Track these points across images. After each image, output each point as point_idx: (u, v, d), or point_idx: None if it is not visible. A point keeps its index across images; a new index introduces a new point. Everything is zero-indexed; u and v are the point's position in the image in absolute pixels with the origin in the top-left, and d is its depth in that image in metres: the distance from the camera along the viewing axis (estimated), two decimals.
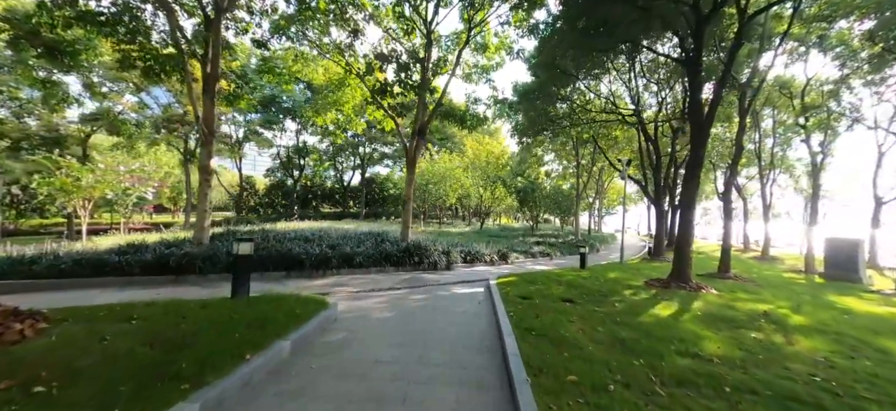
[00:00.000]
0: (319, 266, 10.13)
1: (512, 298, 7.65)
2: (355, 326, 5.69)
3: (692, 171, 9.93)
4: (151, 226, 23.74)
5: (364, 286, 9.05)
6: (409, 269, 12.04)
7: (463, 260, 14.24)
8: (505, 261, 15.92)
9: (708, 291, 9.23)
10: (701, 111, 9.83)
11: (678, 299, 8.18)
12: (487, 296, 8.35)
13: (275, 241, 10.92)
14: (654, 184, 18.18)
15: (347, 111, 18.47)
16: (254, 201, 38.84)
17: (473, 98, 17.99)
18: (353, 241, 12.70)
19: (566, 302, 7.59)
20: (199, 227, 9.78)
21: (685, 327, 6.00)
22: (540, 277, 10.57)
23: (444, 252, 13.55)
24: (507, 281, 9.85)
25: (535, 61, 18.05)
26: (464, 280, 10.73)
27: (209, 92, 9.95)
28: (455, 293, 8.77)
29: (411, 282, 10.03)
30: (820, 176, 15.03)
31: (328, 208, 44.17)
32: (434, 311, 6.84)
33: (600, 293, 8.52)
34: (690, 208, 9.98)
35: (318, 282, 9.26)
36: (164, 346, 3.76)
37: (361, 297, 7.79)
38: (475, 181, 32.33)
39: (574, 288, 9.08)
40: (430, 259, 12.72)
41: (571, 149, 25.08)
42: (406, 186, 14.83)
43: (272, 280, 9.12)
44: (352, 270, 10.75)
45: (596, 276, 11.20)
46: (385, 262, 11.70)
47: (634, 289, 9.21)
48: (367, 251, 11.62)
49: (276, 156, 37.66)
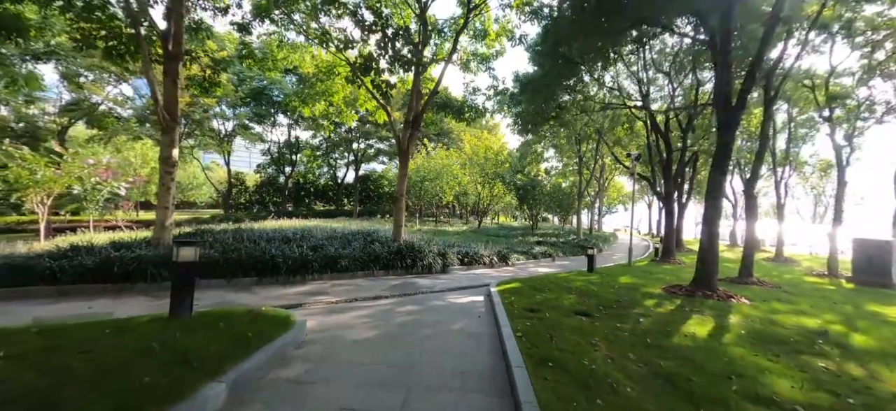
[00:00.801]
0: (297, 270, 8.93)
1: (517, 311, 6.50)
2: (324, 354, 4.51)
3: (718, 165, 8.80)
4: (131, 225, 22.39)
5: (346, 294, 7.86)
6: (401, 273, 10.86)
7: (460, 262, 13.09)
8: (505, 263, 14.77)
9: (739, 301, 8.11)
10: (729, 96, 8.69)
11: (710, 312, 7.04)
12: (488, 308, 7.19)
13: (248, 242, 9.70)
14: (664, 181, 17.06)
15: (337, 102, 17.23)
16: (244, 198, 37.48)
17: (472, 88, 16.82)
18: (340, 242, 11.50)
19: (581, 315, 6.44)
20: (158, 226, 8.55)
21: (734, 352, 4.86)
22: (546, 283, 9.43)
23: (439, 253, 12.39)
24: (510, 287, 8.70)
25: (539, 49, 16.88)
26: (461, 286, 9.57)
27: (171, 73, 8.71)
28: (451, 303, 7.60)
29: (402, 288, 8.85)
30: (845, 172, 13.97)
31: (322, 206, 42.85)
32: (425, 330, 5.67)
33: (618, 303, 7.37)
34: (716, 207, 8.85)
35: (294, 289, 8.06)
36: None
37: (340, 310, 6.60)
38: (473, 178, 31.16)
39: (587, 296, 7.94)
40: (425, 261, 11.55)
41: (574, 144, 23.96)
42: (398, 181, 13.64)
43: (240, 288, 7.92)
44: (335, 275, 9.56)
45: (608, 282, 10.07)
46: (374, 265, 10.52)
47: (656, 299, 8.07)
48: (354, 253, 10.43)
49: (267, 151, 36.31)
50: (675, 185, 17.05)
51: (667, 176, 16.76)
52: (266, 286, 8.20)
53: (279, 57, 17.29)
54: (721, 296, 8.22)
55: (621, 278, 11.10)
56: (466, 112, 16.86)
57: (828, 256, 14.11)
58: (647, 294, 8.58)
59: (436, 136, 36.93)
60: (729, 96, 8.70)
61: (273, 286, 8.25)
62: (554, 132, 21.29)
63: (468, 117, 17.14)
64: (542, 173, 33.18)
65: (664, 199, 17.02)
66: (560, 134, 21.58)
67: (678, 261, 16.74)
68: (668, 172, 16.62)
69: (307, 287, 8.42)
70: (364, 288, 8.69)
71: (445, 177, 28.07)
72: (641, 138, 21.33)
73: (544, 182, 29.59)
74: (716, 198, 8.84)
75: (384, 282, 9.51)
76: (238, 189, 37.58)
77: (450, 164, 28.21)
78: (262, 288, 8.01)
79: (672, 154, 16.54)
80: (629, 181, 49.67)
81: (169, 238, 8.69)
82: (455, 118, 17.56)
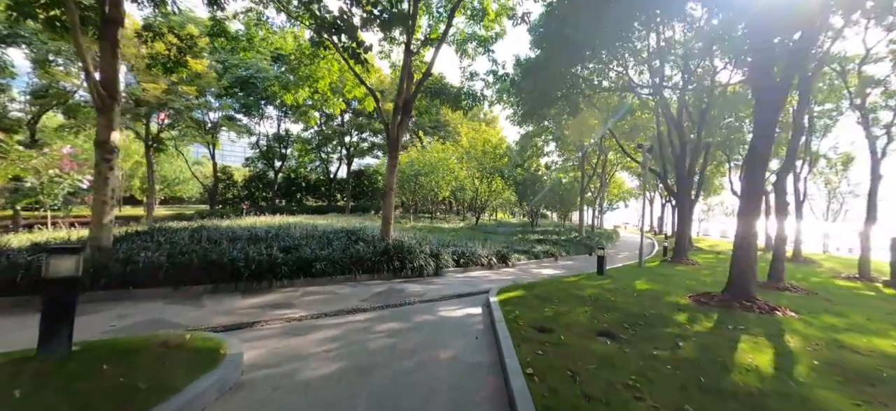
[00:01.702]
0: (263, 276, 7.58)
1: (524, 330, 5.21)
2: (256, 407, 3.19)
3: (758, 153, 7.50)
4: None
5: (317, 307, 6.53)
6: (388, 277, 9.54)
7: (455, 263, 11.78)
8: (505, 264, 13.48)
9: (784, 313, 6.84)
10: (770, 72, 7.39)
11: (759, 330, 5.76)
12: (488, 325, 5.88)
13: (207, 243, 8.34)
14: (676, 175, 15.78)
15: (323, 88, 15.80)
16: (232, 194, 35.96)
17: (469, 72, 15.46)
18: (319, 242, 10.17)
19: (604, 337, 5.16)
20: (95, 224, 7.16)
21: (822, 398, 3.58)
22: (554, 290, 8.14)
23: (432, 254, 11.08)
24: (512, 296, 7.40)
25: (542, 31, 15.52)
26: (455, 293, 8.26)
27: (108, 38, 7.28)
28: (442, 317, 6.29)
29: (386, 297, 7.53)
30: (879, 164, 12.72)
31: (313, 202, 41.42)
32: (405, 361, 4.36)
33: (645, 319, 6.09)
34: (754, 202, 7.56)
35: (253, 300, 6.71)
36: None
37: (302, 330, 5.27)
38: (471, 172, 29.81)
39: (604, 308, 6.65)
40: (415, 263, 10.23)
41: (577, 137, 22.63)
42: (387, 173, 12.29)
43: (187, 299, 6.55)
44: (309, 281, 8.22)
45: (624, 288, 8.79)
46: (356, 269, 9.18)
47: (687, 311, 6.78)
48: (333, 254, 9.08)
49: (255, 144, 34.77)
50: (689, 180, 15.77)
51: (679, 170, 15.46)
52: (221, 296, 6.85)
53: (257, 39, 15.85)
54: (762, 308, 6.94)
55: (637, 283, 9.82)
56: (463, 99, 15.48)
57: (859, 258, 12.89)
58: (674, 304, 7.30)
59: (431, 129, 35.55)
60: (768, 71, 7.39)
61: (230, 295, 6.90)
62: (557, 122, 19.90)
63: (465, 105, 15.76)
64: (542, 168, 31.89)
65: (676, 195, 15.74)
66: (564, 125, 20.19)
67: (691, 261, 15.50)
68: (681, 166, 15.32)
69: (272, 296, 7.07)
70: (341, 297, 7.36)
71: (441, 172, 26.71)
72: (650, 130, 20.04)
73: (544, 177, 28.30)
74: (754, 193, 7.54)
75: (367, 289, 8.18)
76: (225, 183, 36.05)
77: (446, 158, 26.85)
78: (215, 298, 6.65)
79: (686, 146, 15.24)
80: (630, 177, 48.45)
81: (108, 238, 7.31)
82: (451, 106, 16.16)
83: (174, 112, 23.34)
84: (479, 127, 32.23)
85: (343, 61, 13.93)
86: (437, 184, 27.26)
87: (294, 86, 15.32)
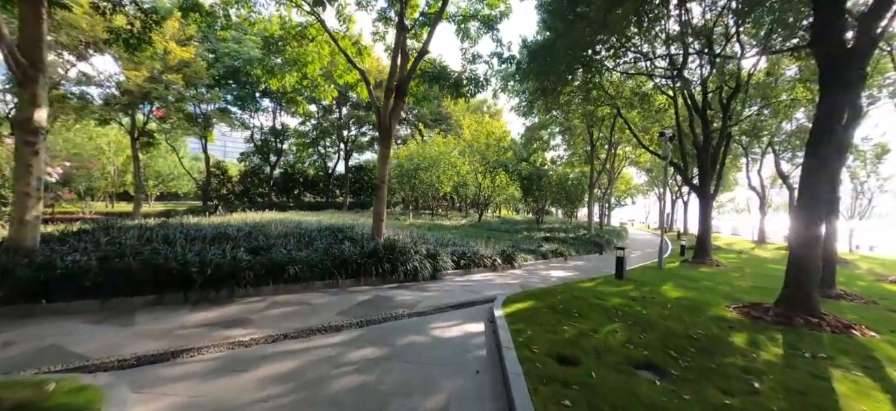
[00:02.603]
0: (222, 283, 6.31)
1: (541, 362, 3.91)
2: None
3: (823, 138, 6.11)
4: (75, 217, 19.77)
5: (280, 323, 5.25)
6: (375, 283, 8.25)
7: (455, 265, 10.48)
8: (510, 265, 12.15)
9: (863, 332, 5.49)
10: (841, 37, 6.00)
11: (845, 358, 4.43)
12: (492, 350, 4.59)
13: (160, 242, 7.07)
14: (699, 168, 14.33)
15: (312, 73, 14.50)
16: (226, 189, 34.77)
17: (472, 55, 14.08)
18: (299, 241, 8.90)
19: (648, 372, 3.85)
20: (15, 221, 5.91)
21: None
22: (571, 299, 6.82)
23: (428, 255, 9.77)
24: (523, 308, 6.10)
25: (552, 8, 14.13)
26: (453, 303, 6.95)
27: (30, 2, 5.99)
28: (435, 339, 4.99)
29: (369, 309, 6.24)
30: None
31: (311, 198, 40.17)
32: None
33: (691, 340, 4.77)
34: (816, 199, 6.18)
35: (202, 315, 5.44)
36: None
37: (243, 363, 3.98)
38: (473, 166, 28.43)
39: (637, 324, 5.34)
40: (408, 266, 8.93)
41: (586, 128, 21.19)
42: (379, 165, 10.99)
43: (117, 314, 5.28)
44: (280, 288, 6.94)
45: (653, 297, 7.45)
46: (339, 273, 7.89)
47: (739, 329, 5.45)
48: (312, 256, 7.80)
49: (250, 138, 33.50)
50: (711, 174, 14.31)
51: (701, 162, 14.01)
52: (163, 309, 5.58)
53: (244, 21, 14.60)
54: (833, 326, 5.59)
55: (665, 289, 8.48)
56: (465, 85, 14.11)
57: None
58: (720, 319, 5.96)
59: (433, 121, 34.18)
60: (840, 36, 6.00)
61: (175, 309, 5.62)
62: (566, 112, 18.47)
63: (467, 91, 14.37)
64: (548, 163, 30.49)
65: (698, 190, 14.31)
66: (574, 114, 18.74)
67: (715, 262, 14.08)
68: (703, 158, 13.87)
69: (229, 309, 5.79)
70: (314, 309, 6.08)
71: (443, 166, 25.36)
72: (666, 121, 18.58)
73: (550, 172, 26.89)
74: (816, 187, 6.16)
75: (348, 298, 6.90)
76: (220, 179, 34.84)
77: (447, 151, 25.49)
78: (154, 314, 5.38)
79: (710, 135, 13.78)
80: (638, 173, 46.83)
81: (34, 238, 6.06)
82: (452, 93, 14.77)
83: (164, 105, 22.14)
84: (482, 119, 30.79)
85: (333, 43, 12.71)
86: (439, 179, 25.91)
87: (280, 70, 14.02)
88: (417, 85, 14.54)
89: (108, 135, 32.82)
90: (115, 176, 34.49)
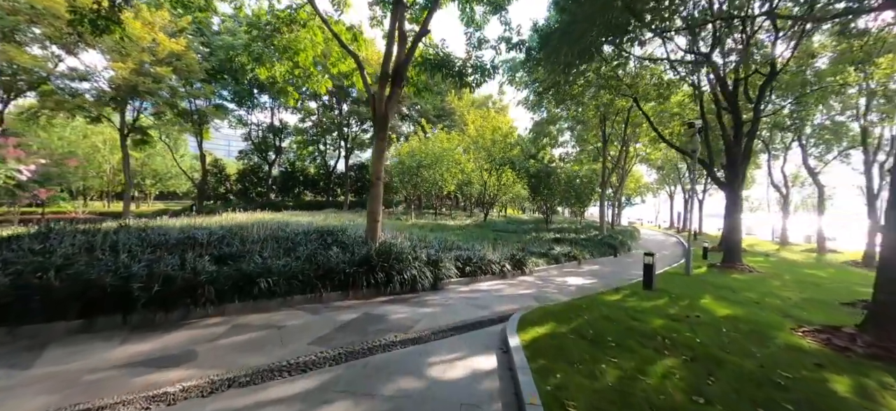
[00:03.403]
0: (174, 301, 5.15)
1: None
2: None
3: None
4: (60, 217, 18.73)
5: (229, 360, 4.08)
6: (366, 296, 7.06)
7: (460, 272, 9.28)
8: (521, 271, 10.94)
9: None
10: None
11: None
12: (510, 403, 3.37)
13: (104, 251, 5.91)
14: (728, 163, 12.95)
15: (305, 62, 13.35)
16: (224, 188, 33.74)
17: (477, 39, 12.83)
18: (277, 248, 7.73)
19: None
20: None
21: None
22: (599, 317, 5.60)
23: (429, 261, 8.59)
24: (544, 334, 4.88)
25: None
26: (457, 322, 5.76)
27: None
28: (432, 383, 3.78)
29: (352, 335, 5.05)
30: None
31: (312, 197, 39.11)
32: None
33: (779, 389, 3.55)
34: None
35: (135, 348, 4.27)
36: None
37: None
38: (478, 164, 27.15)
39: (692, 358, 4.10)
40: (406, 274, 7.74)
41: (598, 123, 19.79)
42: (374, 159, 9.79)
43: (19, 349, 4.12)
44: (249, 306, 5.77)
45: (695, 313, 6.19)
46: (324, 285, 6.71)
47: (829, 365, 4.20)
48: (291, 265, 6.63)
49: (248, 136, 32.44)
50: (740, 169, 12.93)
51: (732, 156, 12.63)
52: (89, 338, 4.41)
53: None
54: None
55: (705, 303, 7.21)
56: (470, 74, 12.87)
57: None
58: (796, 351, 4.70)
59: (436, 118, 32.94)
60: None
61: (106, 337, 4.46)
62: (579, 103, 17.08)
63: (472, 81, 13.12)
64: (556, 160, 29.16)
65: (727, 186, 12.95)
66: (587, 107, 17.33)
67: (747, 267, 12.71)
68: (734, 152, 12.50)
69: (175, 336, 4.62)
70: (285, 335, 4.90)
71: (446, 163, 24.11)
72: (688, 112, 17.21)
73: (559, 169, 25.57)
74: None
75: (330, 317, 5.71)
76: (217, 177, 33.83)
77: (451, 148, 24.22)
78: (73, 345, 4.22)
79: (740, 125, 12.40)
80: (648, 171, 45.25)
81: None
82: (455, 83, 13.53)
83: (155, 101, 21.08)
84: (487, 114, 29.50)
85: (326, 28, 11.56)
86: (442, 177, 24.67)
87: (268, 58, 12.87)
88: (418, 74, 13.35)
89: (103, 133, 31.95)
90: (110, 174, 33.61)
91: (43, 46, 21.46)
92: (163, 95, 21.07)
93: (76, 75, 21.40)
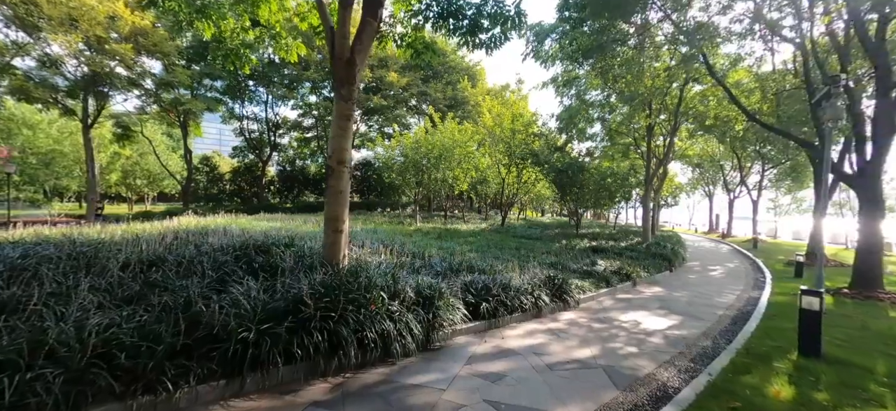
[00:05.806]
0: None
1: None
2: None
3: None
4: None
5: None
6: (286, 382, 3.56)
7: (471, 311, 5.74)
8: (563, 302, 7.22)
9: None
10: None
11: None
12: None
13: None
14: (855, 142, 8.95)
15: (267, 18, 9.96)
16: (217, 188, 30.96)
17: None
18: (160, 271, 4.32)
19: None
20: None
21: None
22: None
23: (419, 298, 5.09)
24: None
25: None
26: None
27: None
28: None
29: None
30: None
31: (314, 197, 36.10)
32: None
33: None
34: None
35: None
36: None
37: None
38: (495, 158, 23.46)
39: None
40: (374, 329, 4.23)
41: (645, 102, 15.86)
42: (333, 134, 6.24)
43: None
44: None
45: None
46: (188, 367, 3.24)
47: None
48: (119, 334, 3.18)
49: (240, 131, 29.60)
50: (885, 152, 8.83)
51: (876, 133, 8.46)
52: None
53: None
54: None
55: None
56: (484, 27, 9.21)
57: None
58: None
59: (446, 107, 29.37)
60: None
61: None
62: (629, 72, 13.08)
63: (488, 40, 9.45)
64: (584, 155, 25.24)
65: (857, 178, 8.93)
66: (642, 76, 13.32)
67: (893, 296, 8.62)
68: (879, 126, 8.26)
69: None
70: None
71: (457, 157, 20.53)
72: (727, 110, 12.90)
73: (591, 165, 21.66)
74: None
75: None
76: (209, 176, 31.05)
77: (463, 140, 20.65)
78: None
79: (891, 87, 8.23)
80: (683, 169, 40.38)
81: None
82: (465, 39, 9.84)
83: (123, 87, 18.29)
84: (506, 100, 25.79)
85: None
86: (453, 173, 21.11)
87: (214, 9, 9.54)
88: (416, 28, 9.78)
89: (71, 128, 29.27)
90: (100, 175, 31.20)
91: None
92: (123, 76, 18.09)
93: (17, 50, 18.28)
